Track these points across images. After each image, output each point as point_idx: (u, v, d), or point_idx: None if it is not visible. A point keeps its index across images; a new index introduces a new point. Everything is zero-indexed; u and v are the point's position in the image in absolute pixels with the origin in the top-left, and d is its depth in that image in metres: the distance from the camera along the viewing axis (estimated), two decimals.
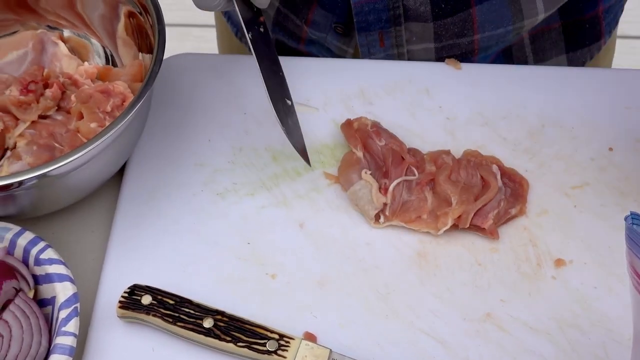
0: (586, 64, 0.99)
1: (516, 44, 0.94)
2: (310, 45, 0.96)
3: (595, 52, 0.99)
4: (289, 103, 0.75)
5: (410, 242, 0.74)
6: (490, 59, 0.94)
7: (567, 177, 0.79)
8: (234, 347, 0.65)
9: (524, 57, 0.95)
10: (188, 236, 0.75)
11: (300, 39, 0.96)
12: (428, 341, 0.68)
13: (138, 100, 0.68)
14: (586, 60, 0.98)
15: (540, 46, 0.95)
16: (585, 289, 0.71)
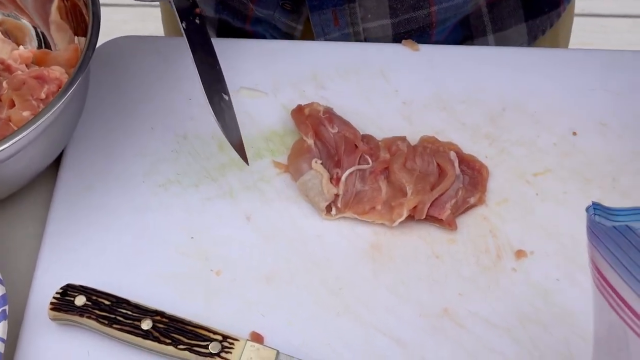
0: (546, 32, 0.95)
1: (474, 13, 0.90)
2: (256, 24, 0.92)
3: (555, 19, 0.96)
4: (226, 98, 0.71)
5: (363, 233, 0.70)
6: (448, 31, 0.90)
7: (528, 163, 0.75)
8: (174, 349, 0.61)
9: (482, 27, 0.92)
10: (127, 231, 0.70)
11: (246, 17, 0.92)
12: (382, 339, 0.64)
13: (70, 86, 0.64)
14: (546, 28, 0.95)
15: (499, 15, 0.91)
16: (548, 282, 0.68)
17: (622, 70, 0.82)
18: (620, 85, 0.80)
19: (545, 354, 0.64)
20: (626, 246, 0.44)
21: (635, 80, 0.81)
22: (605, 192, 0.73)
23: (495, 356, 0.64)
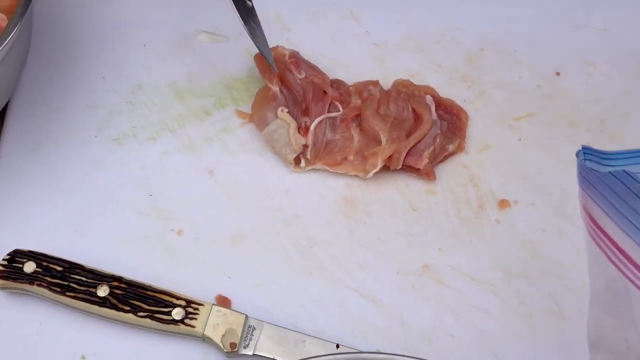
0: None
1: None
2: None
3: None
4: (250, 4, 0.66)
5: (335, 186, 0.66)
6: None
7: (510, 107, 0.71)
8: (133, 317, 0.57)
9: None
10: (79, 191, 0.65)
11: None
12: (358, 300, 0.61)
13: (8, 32, 0.58)
14: None
15: None
16: (533, 233, 0.64)
17: (608, 5, 0.77)
18: (607, 20, 0.76)
19: (533, 310, 0.60)
20: (624, 193, 0.40)
21: (622, 14, 0.76)
22: (594, 136, 0.69)
23: (479, 313, 0.60)
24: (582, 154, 0.45)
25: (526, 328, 0.59)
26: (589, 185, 0.43)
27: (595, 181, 0.42)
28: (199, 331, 0.57)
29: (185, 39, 0.74)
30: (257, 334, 0.57)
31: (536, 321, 0.60)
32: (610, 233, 0.42)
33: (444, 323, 0.59)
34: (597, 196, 0.42)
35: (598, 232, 0.43)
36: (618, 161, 0.46)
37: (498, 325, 0.59)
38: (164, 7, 0.76)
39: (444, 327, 0.59)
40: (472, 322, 0.60)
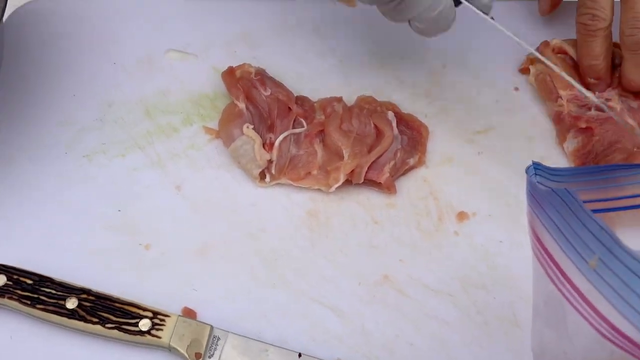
0: None
1: None
2: None
3: None
4: None
5: (300, 200, 0.67)
6: None
7: (470, 121, 0.73)
8: (102, 328, 0.59)
9: None
10: (50, 205, 0.66)
11: None
12: (320, 310, 0.62)
13: None
14: None
15: None
16: (491, 244, 0.66)
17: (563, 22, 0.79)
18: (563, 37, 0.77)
19: (489, 319, 0.62)
20: (565, 212, 0.42)
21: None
22: (548, 149, 0.71)
23: (437, 323, 0.62)
24: (532, 169, 0.47)
25: (483, 336, 0.61)
26: (534, 201, 0.45)
27: (539, 198, 0.44)
28: (165, 342, 0.58)
29: (155, 56, 0.75)
30: (221, 343, 0.59)
31: (493, 329, 0.61)
32: (550, 250, 0.43)
33: (404, 332, 0.61)
34: (540, 213, 0.44)
35: (540, 249, 0.45)
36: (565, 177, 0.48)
37: (456, 334, 0.61)
38: (133, 25, 0.77)
39: (404, 336, 0.61)
40: (431, 331, 0.61)
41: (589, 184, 0.48)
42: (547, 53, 0.74)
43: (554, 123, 0.72)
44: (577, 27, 0.70)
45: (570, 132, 0.70)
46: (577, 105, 0.71)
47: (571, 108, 0.71)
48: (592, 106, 0.71)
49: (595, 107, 0.71)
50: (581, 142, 0.70)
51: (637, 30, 0.66)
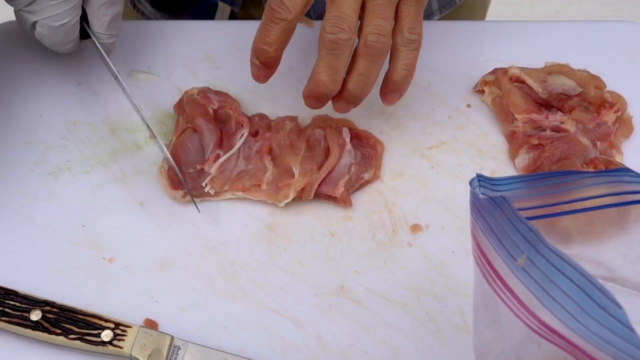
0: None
1: None
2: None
3: None
4: None
5: (259, 214, 0.70)
6: None
7: (423, 137, 0.75)
8: (65, 339, 0.60)
9: None
10: (15, 222, 0.68)
11: None
12: (278, 320, 0.64)
13: None
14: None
15: None
16: (443, 255, 0.68)
17: (514, 42, 0.82)
18: (513, 56, 0.80)
19: (441, 326, 0.64)
20: (500, 216, 0.44)
21: (525, 50, 0.81)
22: (499, 163, 0.73)
23: (391, 330, 0.64)
24: (475, 181, 0.49)
25: (435, 343, 0.63)
26: (477, 211, 0.47)
27: (479, 206, 0.47)
28: (127, 352, 0.60)
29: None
30: (182, 353, 0.61)
31: (445, 336, 0.63)
32: (486, 252, 0.46)
33: (359, 340, 0.63)
34: (479, 219, 0.46)
35: (478, 252, 0.47)
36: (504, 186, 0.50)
37: (409, 341, 0.63)
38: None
39: (359, 344, 0.63)
40: (385, 339, 0.63)
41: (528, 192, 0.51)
42: (504, 80, 0.76)
43: (507, 140, 0.75)
44: (266, 8, 0.66)
45: (522, 148, 0.73)
46: (532, 127, 0.74)
47: (526, 128, 0.74)
48: (546, 128, 0.74)
49: (550, 129, 0.73)
50: (532, 158, 0.73)
51: (338, 30, 0.64)
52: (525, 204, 0.50)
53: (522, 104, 0.75)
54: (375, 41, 0.65)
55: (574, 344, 0.38)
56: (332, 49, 0.65)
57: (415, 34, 0.67)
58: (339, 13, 0.64)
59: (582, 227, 0.51)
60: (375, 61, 0.66)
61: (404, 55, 0.68)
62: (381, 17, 0.65)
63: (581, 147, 0.72)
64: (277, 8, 0.65)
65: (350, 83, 0.67)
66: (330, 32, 0.64)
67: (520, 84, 0.76)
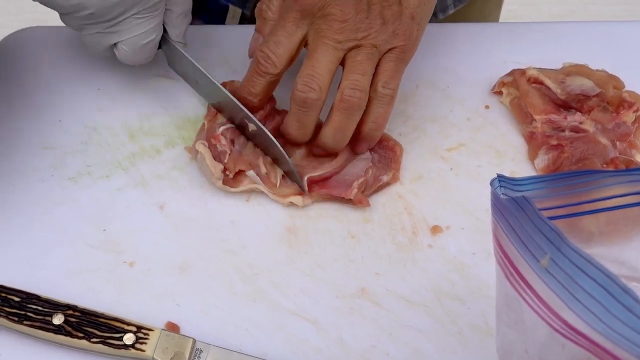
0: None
1: None
2: None
3: None
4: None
5: (278, 217, 0.70)
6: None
7: (442, 139, 0.75)
8: (87, 343, 0.60)
9: None
10: (37, 227, 0.68)
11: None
12: (299, 322, 0.64)
13: None
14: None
15: None
16: (463, 256, 0.68)
17: (531, 43, 0.82)
18: (530, 57, 0.80)
19: (463, 328, 0.64)
20: (522, 217, 0.44)
21: (543, 51, 0.81)
22: (519, 164, 0.73)
23: (413, 332, 0.63)
24: (496, 182, 0.49)
25: (457, 345, 0.63)
26: (498, 211, 0.47)
27: (501, 207, 0.46)
28: (149, 355, 0.60)
29: (138, 82, 0.78)
30: (204, 356, 0.61)
31: (466, 338, 0.63)
32: (509, 253, 0.46)
33: (381, 342, 0.63)
34: (501, 220, 0.46)
35: (500, 253, 0.47)
36: (525, 186, 0.50)
37: (430, 343, 0.63)
38: None
39: (380, 346, 0.63)
40: (406, 341, 0.63)
41: (549, 192, 0.51)
42: (522, 82, 0.76)
43: (526, 141, 0.75)
44: (253, 60, 0.70)
45: (541, 149, 0.73)
46: (551, 127, 0.74)
47: (545, 129, 0.74)
48: (565, 128, 0.74)
49: (569, 129, 0.73)
50: (551, 158, 0.72)
51: (307, 89, 0.66)
52: (547, 204, 0.50)
53: (540, 105, 0.75)
54: (350, 95, 0.66)
55: (598, 344, 0.38)
56: (301, 106, 0.67)
57: (389, 88, 0.68)
58: (312, 72, 0.66)
59: (603, 227, 0.51)
60: (349, 115, 0.68)
61: (375, 109, 0.69)
62: (359, 72, 0.67)
63: (601, 147, 0.72)
64: (264, 62, 0.68)
65: (326, 136, 0.69)
66: (301, 91, 0.66)
67: (538, 85, 0.76)
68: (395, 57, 0.68)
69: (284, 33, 0.68)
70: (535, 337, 0.44)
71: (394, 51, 0.68)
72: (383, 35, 0.67)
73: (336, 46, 0.66)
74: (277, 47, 0.68)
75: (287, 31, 0.68)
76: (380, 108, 0.69)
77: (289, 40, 0.68)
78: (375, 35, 0.66)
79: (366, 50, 0.67)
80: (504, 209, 0.46)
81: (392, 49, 0.68)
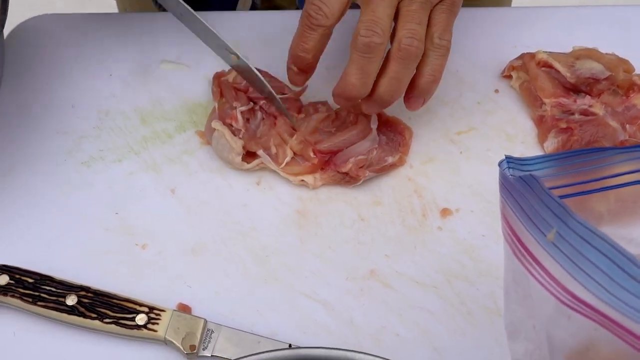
0: None
1: None
2: None
3: None
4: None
5: (289, 200, 0.70)
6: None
7: (452, 122, 0.76)
8: (100, 324, 0.61)
9: None
10: (50, 209, 0.69)
11: None
12: (309, 304, 0.64)
13: None
14: None
15: None
16: (473, 238, 0.68)
17: (541, 27, 0.82)
18: (540, 41, 0.80)
19: (472, 309, 0.64)
20: (529, 194, 0.44)
21: (553, 35, 0.81)
22: (528, 147, 0.73)
23: (423, 313, 0.64)
24: (505, 163, 0.49)
25: (466, 325, 0.63)
26: (506, 190, 0.48)
27: (509, 186, 0.47)
28: (161, 335, 0.61)
29: (150, 68, 0.79)
30: (215, 336, 0.61)
31: (475, 319, 0.64)
32: (516, 229, 0.46)
33: (390, 323, 0.63)
34: (508, 198, 0.47)
35: (508, 231, 0.48)
36: (533, 166, 0.50)
37: (440, 324, 0.63)
38: (129, 40, 0.81)
39: (390, 326, 0.63)
40: (416, 322, 0.63)
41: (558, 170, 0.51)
42: (532, 65, 0.76)
43: (536, 124, 0.75)
44: (302, 14, 0.67)
45: (551, 132, 0.73)
46: (561, 111, 0.74)
47: (554, 113, 0.74)
48: (575, 112, 0.74)
49: (579, 112, 0.73)
50: (561, 141, 0.73)
51: (371, 33, 0.64)
52: (555, 183, 0.51)
53: (550, 88, 0.75)
54: (408, 44, 0.65)
55: (605, 314, 0.38)
56: (365, 52, 0.65)
57: (445, 39, 0.68)
58: (373, 17, 0.64)
59: (612, 205, 0.51)
60: (407, 65, 0.66)
61: (431, 61, 0.68)
62: (415, 21, 0.65)
63: (610, 130, 0.72)
64: (315, 14, 0.65)
65: (382, 86, 0.67)
66: (364, 35, 0.64)
67: (548, 69, 0.76)
68: (447, 8, 0.67)
69: None
70: (542, 311, 0.44)
71: (445, 3, 0.67)
72: None
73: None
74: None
75: None
76: (436, 60, 0.68)
77: None
78: None
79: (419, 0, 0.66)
80: (511, 188, 0.46)
81: (443, 1, 0.67)
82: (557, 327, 0.43)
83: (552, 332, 0.44)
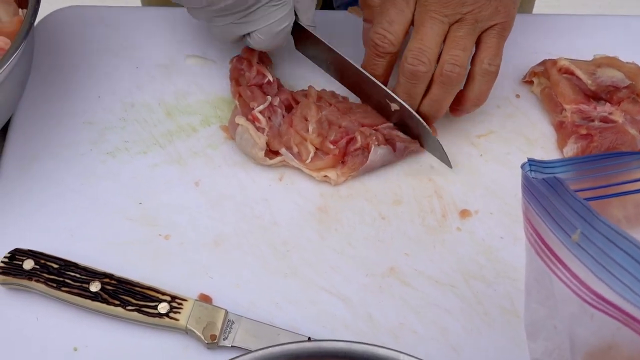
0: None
1: None
2: None
3: None
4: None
5: (310, 196, 0.71)
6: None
7: (473, 125, 0.77)
8: (123, 311, 0.62)
9: None
10: (75, 198, 0.70)
11: None
12: (329, 299, 0.65)
13: (11, 54, 0.64)
14: None
15: None
16: (491, 240, 0.69)
17: (562, 34, 0.83)
18: (561, 49, 0.81)
19: (489, 309, 0.65)
20: (553, 196, 0.45)
21: (574, 43, 0.82)
22: (547, 152, 0.74)
23: (440, 312, 0.65)
24: (527, 166, 0.50)
25: (483, 325, 0.64)
26: (529, 192, 0.48)
27: (532, 187, 0.48)
28: (182, 324, 0.62)
29: (175, 62, 0.80)
30: (235, 327, 0.62)
31: (492, 319, 0.64)
32: (539, 230, 0.47)
33: (408, 320, 0.64)
34: (532, 200, 0.48)
35: (531, 231, 0.48)
36: (556, 168, 0.51)
37: (457, 323, 0.64)
38: (155, 33, 0.82)
39: (408, 324, 0.64)
40: (433, 320, 0.64)
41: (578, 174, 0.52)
42: (553, 72, 0.77)
43: (556, 130, 0.76)
44: (369, 43, 0.71)
45: (571, 138, 0.74)
46: (581, 117, 0.75)
47: (575, 119, 0.75)
48: (595, 118, 0.75)
49: (599, 119, 0.74)
50: (580, 147, 0.73)
51: (418, 62, 0.68)
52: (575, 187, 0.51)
53: (570, 95, 0.75)
54: (450, 71, 0.68)
55: (629, 313, 0.39)
56: (411, 79, 0.69)
57: (494, 65, 0.70)
58: (421, 45, 0.68)
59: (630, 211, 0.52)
60: (448, 90, 0.70)
61: (478, 86, 0.71)
62: (460, 47, 0.68)
63: (629, 138, 0.73)
64: (381, 43, 0.70)
65: (424, 106, 0.71)
66: (411, 64, 0.68)
67: (569, 76, 0.77)
68: (497, 33, 0.69)
69: (395, 11, 0.69)
70: (565, 311, 0.45)
71: (496, 27, 0.69)
72: (486, 11, 0.68)
73: (443, 20, 0.68)
74: (391, 26, 0.69)
75: (398, 8, 0.69)
76: (484, 85, 0.71)
77: (402, 16, 0.69)
78: (479, 11, 0.68)
79: (468, 25, 0.68)
80: (535, 190, 0.47)
81: (494, 26, 0.69)
82: (579, 326, 0.44)
83: (575, 331, 0.45)
